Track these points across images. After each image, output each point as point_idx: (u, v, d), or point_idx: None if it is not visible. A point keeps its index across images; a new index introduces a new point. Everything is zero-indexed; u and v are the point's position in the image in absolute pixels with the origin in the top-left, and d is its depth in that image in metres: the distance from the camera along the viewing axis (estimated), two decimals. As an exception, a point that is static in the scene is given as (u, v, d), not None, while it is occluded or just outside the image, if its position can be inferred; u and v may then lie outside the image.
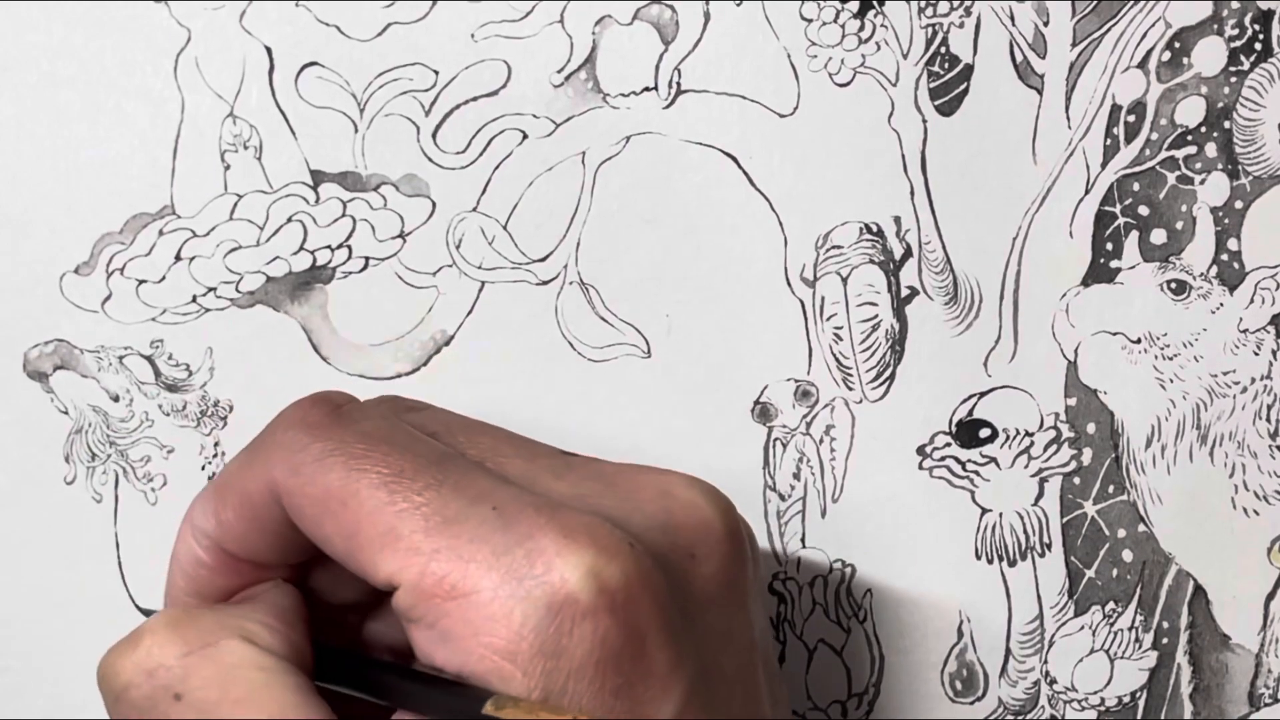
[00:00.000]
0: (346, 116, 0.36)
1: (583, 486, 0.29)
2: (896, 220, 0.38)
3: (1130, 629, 0.40)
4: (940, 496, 0.39)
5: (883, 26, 0.37)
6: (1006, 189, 0.38)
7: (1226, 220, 0.38)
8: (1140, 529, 0.40)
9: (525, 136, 0.37)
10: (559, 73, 0.37)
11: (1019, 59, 0.37)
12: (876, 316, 0.38)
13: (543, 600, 0.26)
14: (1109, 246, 0.38)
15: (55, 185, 0.36)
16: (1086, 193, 0.38)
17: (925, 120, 0.37)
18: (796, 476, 0.39)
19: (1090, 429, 0.39)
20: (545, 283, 0.37)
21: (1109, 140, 0.38)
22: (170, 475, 0.37)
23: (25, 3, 0.35)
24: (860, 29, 0.37)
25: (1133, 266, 0.38)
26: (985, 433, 0.39)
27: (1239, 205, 0.38)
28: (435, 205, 0.37)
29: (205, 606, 0.30)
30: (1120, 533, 0.40)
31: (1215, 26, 0.37)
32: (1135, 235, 0.38)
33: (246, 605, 0.29)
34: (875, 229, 0.38)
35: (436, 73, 0.36)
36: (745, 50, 0.37)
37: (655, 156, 0.37)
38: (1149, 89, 0.38)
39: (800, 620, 0.39)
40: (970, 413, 0.39)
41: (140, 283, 0.36)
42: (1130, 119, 0.38)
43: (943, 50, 0.37)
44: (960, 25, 0.37)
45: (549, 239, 0.37)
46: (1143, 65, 0.38)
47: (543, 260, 0.37)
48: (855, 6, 0.37)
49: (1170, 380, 0.39)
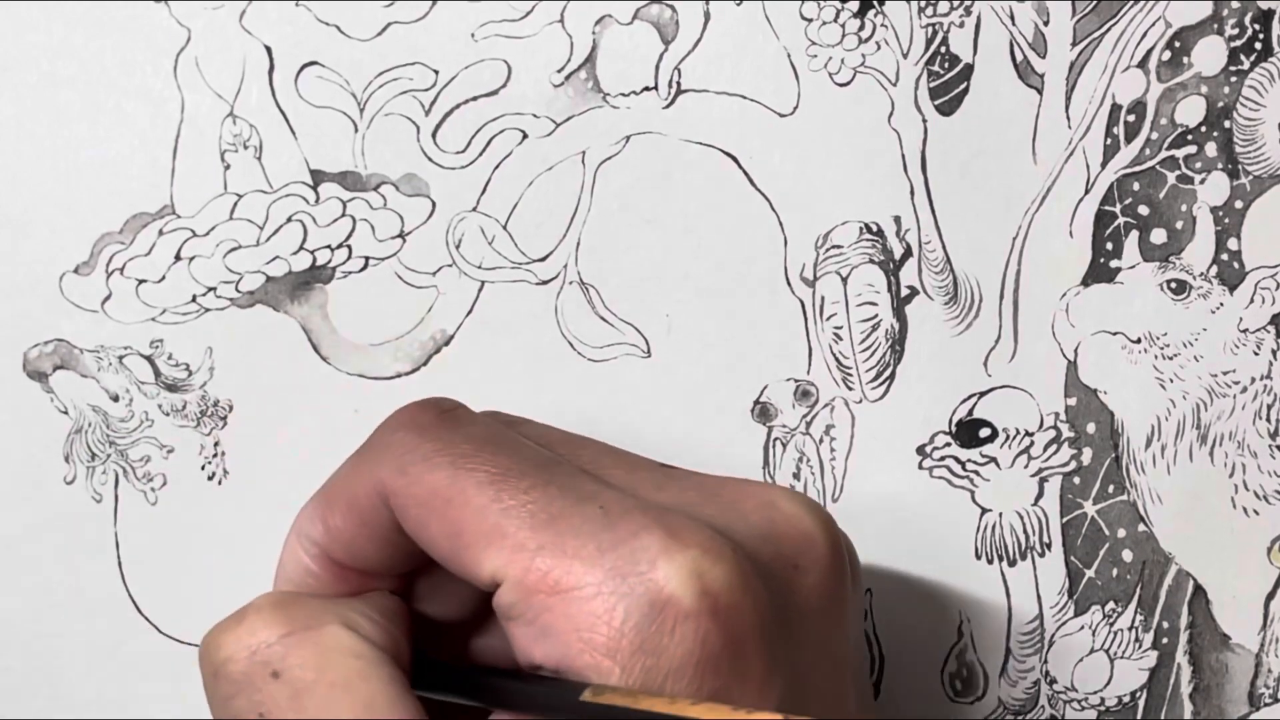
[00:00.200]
0: (346, 116, 0.36)
1: (684, 496, 0.29)
2: (896, 220, 0.38)
3: (1130, 629, 0.40)
4: (940, 496, 0.39)
5: (883, 26, 0.37)
6: (1006, 189, 0.38)
7: (1226, 220, 0.38)
8: (1140, 529, 0.40)
9: (525, 136, 0.37)
10: (559, 72, 0.37)
11: (1019, 58, 0.37)
12: (876, 316, 0.38)
13: (646, 599, 0.26)
14: (1109, 246, 0.38)
15: (55, 185, 0.36)
16: (1086, 192, 0.38)
17: (925, 120, 0.37)
18: (796, 476, 0.38)
19: (1090, 429, 0.39)
20: (545, 282, 0.37)
21: (1109, 140, 0.38)
22: (170, 475, 0.37)
23: (25, 3, 0.35)
24: (860, 28, 0.37)
25: (1133, 266, 0.38)
26: (985, 432, 0.39)
27: (1239, 205, 0.38)
28: (435, 205, 0.37)
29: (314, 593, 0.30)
30: (1120, 532, 0.39)
31: (1215, 26, 0.37)
32: (1135, 235, 0.38)
33: (352, 598, 0.29)
34: (875, 229, 0.38)
35: (436, 72, 0.36)
36: (745, 50, 0.37)
37: (655, 156, 0.37)
38: (1149, 88, 0.38)
39: (800, 620, 0.39)
40: (970, 412, 0.39)
41: (140, 282, 0.36)
42: (1130, 118, 0.38)
43: (943, 50, 0.37)
44: (960, 25, 0.37)
45: (549, 239, 0.37)
46: (1143, 65, 0.38)
47: (543, 260, 0.37)
48: (855, 6, 0.37)
49: (1170, 380, 0.39)
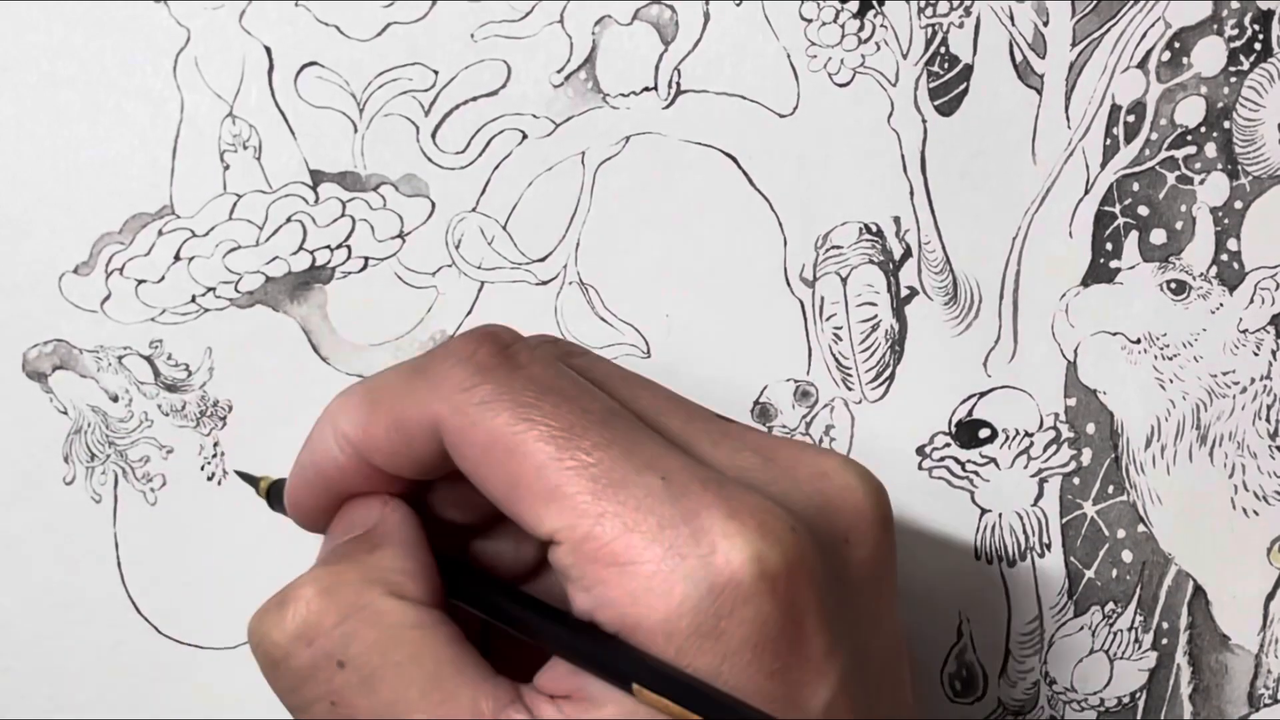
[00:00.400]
0: (346, 116, 0.36)
1: (740, 458, 0.29)
2: (896, 220, 0.38)
3: (1130, 629, 0.40)
4: (940, 496, 0.39)
5: (882, 26, 0.37)
6: (1006, 189, 0.38)
7: (1226, 220, 0.38)
8: (1140, 529, 0.40)
9: (525, 136, 0.37)
10: (559, 73, 0.37)
11: (1019, 59, 0.37)
12: (876, 317, 0.38)
13: (705, 580, 0.25)
14: (1109, 246, 0.38)
15: (55, 185, 0.36)
16: (1086, 193, 0.38)
17: (925, 120, 0.37)
18: (796, 476, 0.38)
19: (1090, 429, 0.39)
20: (545, 283, 0.37)
21: (1109, 140, 0.38)
22: (169, 475, 0.37)
23: (25, 3, 0.35)
24: (860, 29, 0.37)
25: (1132, 266, 0.38)
26: (985, 433, 0.39)
27: (1239, 205, 0.38)
28: (435, 205, 0.37)
29: (345, 559, 0.29)
30: (1120, 533, 0.39)
31: (1215, 26, 0.37)
32: (1135, 235, 0.38)
33: (381, 552, 0.29)
34: (875, 229, 0.38)
35: (436, 73, 0.36)
36: (745, 50, 0.37)
37: (655, 156, 0.37)
38: (1149, 89, 0.38)
39: (800, 620, 0.39)
40: (970, 413, 0.39)
41: (139, 283, 0.36)
42: (1130, 119, 0.38)
43: (942, 50, 0.37)
44: (960, 25, 0.37)
45: (549, 239, 0.37)
46: (1143, 65, 0.38)
47: (542, 260, 0.37)
48: (855, 6, 0.37)
49: (1170, 380, 0.39)
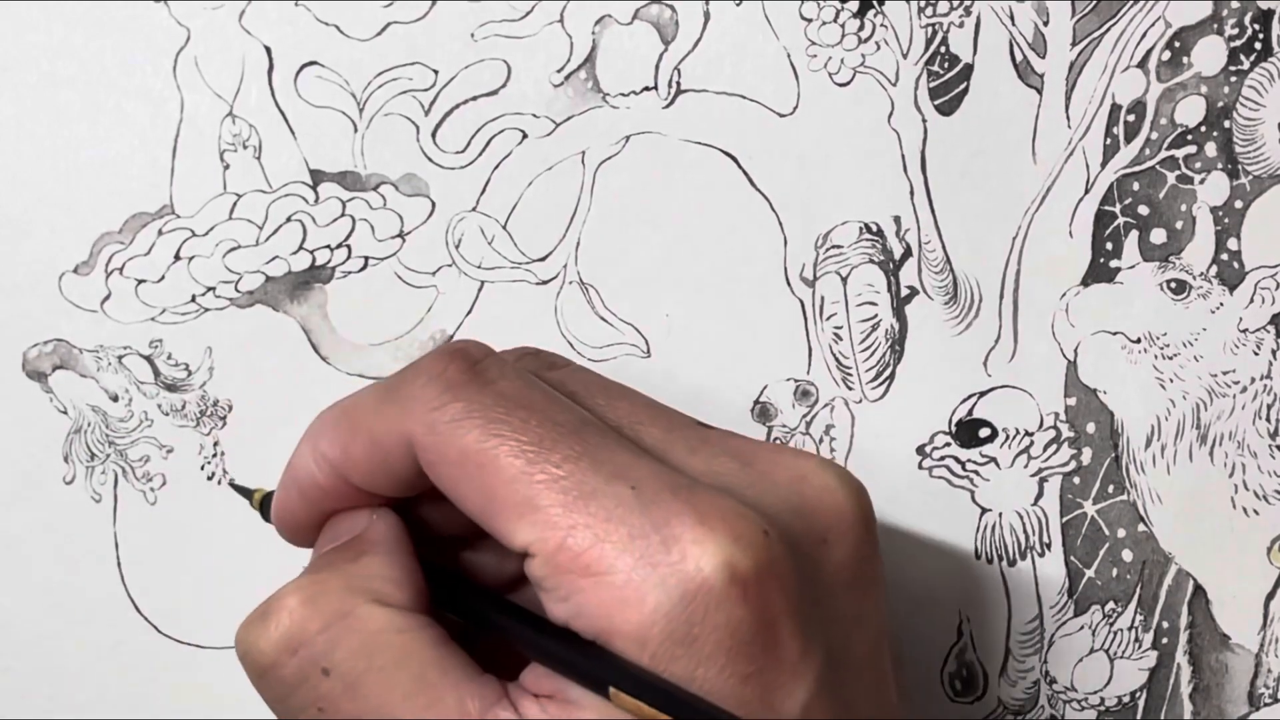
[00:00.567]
0: (346, 116, 0.36)
1: (717, 463, 0.29)
2: (896, 220, 0.38)
3: (1130, 629, 0.40)
4: (940, 496, 0.39)
5: (882, 26, 0.37)
6: (1006, 189, 0.38)
7: (1226, 220, 0.38)
8: (1140, 529, 0.40)
9: (525, 136, 0.37)
10: (559, 72, 0.37)
11: (1019, 58, 0.37)
12: (876, 316, 0.38)
13: (677, 588, 0.26)
14: (1109, 246, 0.38)
15: (55, 185, 0.36)
16: (1086, 192, 0.38)
17: (925, 120, 0.37)
18: (796, 476, 0.38)
19: (1090, 429, 0.39)
20: (545, 282, 0.37)
21: (1109, 140, 0.38)
22: (169, 475, 0.37)
23: (25, 3, 0.35)
24: (860, 29, 0.37)
25: (1133, 266, 0.38)
26: (985, 432, 0.39)
27: (1239, 205, 0.38)
28: (435, 205, 0.37)
29: (329, 567, 0.29)
30: (1120, 532, 0.39)
31: (1215, 26, 0.37)
32: (1135, 235, 0.38)
33: (366, 559, 0.29)
34: (875, 229, 0.38)
35: (436, 72, 0.36)
36: (745, 50, 0.37)
37: (655, 156, 0.37)
38: (1149, 88, 0.38)
39: (800, 620, 0.39)
40: (970, 412, 0.39)
41: (139, 282, 0.36)
42: (1130, 118, 0.38)
43: (942, 50, 0.37)
44: (960, 25, 0.37)
45: (549, 239, 0.37)
46: (1143, 65, 0.38)
47: (542, 260, 0.37)
48: (855, 6, 0.37)
49: (1170, 380, 0.39)
